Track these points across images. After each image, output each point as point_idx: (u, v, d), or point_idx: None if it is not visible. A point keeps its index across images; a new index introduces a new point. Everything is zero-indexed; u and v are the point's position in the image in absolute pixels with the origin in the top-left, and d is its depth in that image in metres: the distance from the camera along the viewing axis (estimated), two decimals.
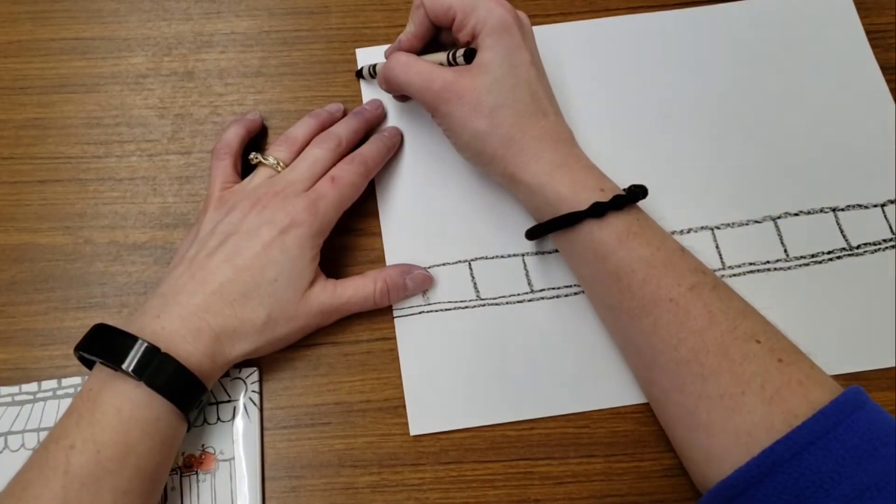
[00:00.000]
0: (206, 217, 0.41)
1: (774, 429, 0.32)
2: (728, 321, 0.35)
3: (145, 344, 0.35)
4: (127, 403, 0.34)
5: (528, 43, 0.40)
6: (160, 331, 0.36)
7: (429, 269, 0.44)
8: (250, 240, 0.39)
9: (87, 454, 0.33)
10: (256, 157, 0.43)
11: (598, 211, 0.37)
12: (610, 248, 0.37)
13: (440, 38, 0.44)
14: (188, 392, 0.36)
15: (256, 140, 0.48)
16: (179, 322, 0.37)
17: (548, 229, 0.39)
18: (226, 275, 0.38)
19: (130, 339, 0.35)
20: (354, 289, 0.41)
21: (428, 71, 0.40)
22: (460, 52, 0.40)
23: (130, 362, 0.34)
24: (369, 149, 0.44)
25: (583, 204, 0.37)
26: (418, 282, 0.43)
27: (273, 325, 0.39)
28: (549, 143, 0.39)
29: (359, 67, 0.49)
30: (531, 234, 0.41)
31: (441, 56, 0.42)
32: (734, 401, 0.33)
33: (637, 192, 0.38)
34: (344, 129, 0.44)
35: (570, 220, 0.38)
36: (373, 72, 0.47)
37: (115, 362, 0.34)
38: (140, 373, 0.34)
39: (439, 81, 0.40)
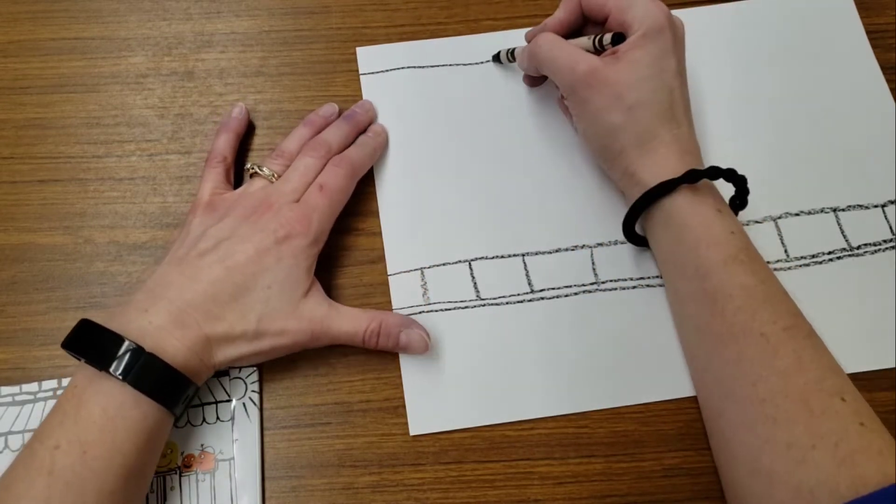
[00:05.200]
0: (195, 220, 0.41)
1: (839, 492, 0.30)
2: (816, 372, 0.34)
3: (130, 344, 0.34)
4: (112, 403, 0.34)
5: (677, 50, 0.40)
6: (147, 325, 0.35)
7: (429, 269, 0.44)
8: (244, 244, 0.39)
9: (73, 455, 0.33)
10: (253, 168, 0.43)
11: (691, 177, 0.37)
12: (713, 267, 0.37)
13: (584, 32, 0.44)
14: (175, 390, 0.35)
15: (246, 144, 0.48)
16: (167, 317, 0.36)
17: (647, 201, 0.39)
18: (216, 274, 0.38)
19: (116, 339, 0.34)
20: (348, 318, 0.40)
21: (576, 53, 0.40)
22: (608, 36, 0.40)
23: (116, 364, 0.34)
24: (356, 151, 0.44)
25: (700, 219, 0.38)
26: (413, 340, 0.40)
27: (262, 335, 0.38)
28: (678, 152, 0.39)
29: (495, 52, 0.49)
30: (630, 222, 0.41)
31: (585, 41, 0.41)
32: (803, 453, 0.32)
33: (739, 197, 0.40)
34: (334, 136, 0.44)
35: (666, 188, 0.38)
36: (510, 56, 0.47)
37: (100, 364, 0.34)
38: (125, 374, 0.34)
39: (585, 65, 0.39)
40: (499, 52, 0.49)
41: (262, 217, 0.40)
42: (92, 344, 0.35)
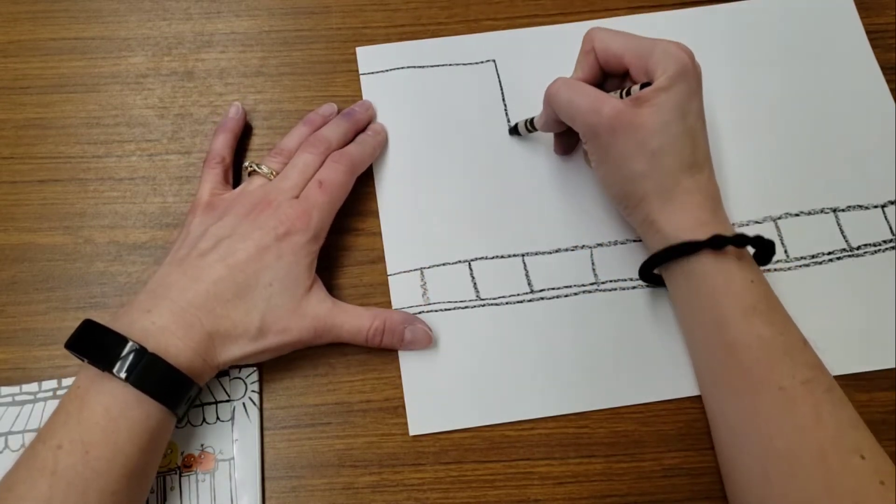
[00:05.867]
0: (194, 220, 0.41)
1: None
2: (835, 428, 0.33)
3: (133, 344, 0.34)
4: (115, 403, 0.34)
5: (699, 90, 0.39)
6: (150, 326, 0.35)
7: (429, 269, 0.44)
8: (244, 242, 0.39)
9: (75, 455, 0.33)
10: (251, 166, 0.43)
11: (716, 244, 0.36)
12: (732, 318, 0.36)
13: (605, 87, 0.42)
14: (178, 391, 0.35)
15: (245, 144, 0.48)
16: (170, 317, 0.36)
17: (668, 257, 0.38)
18: (218, 273, 0.38)
19: (119, 339, 0.34)
20: (351, 315, 0.40)
21: (598, 94, 0.38)
22: (636, 87, 0.38)
23: (119, 365, 0.34)
24: (355, 147, 0.44)
25: (719, 270, 0.37)
26: (417, 336, 0.41)
27: (265, 333, 0.38)
28: (699, 199, 0.38)
29: (512, 124, 0.48)
30: (647, 268, 0.40)
31: (612, 95, 0.40)
32: None
33: (763, 254, 0.38)
34: (333, 132, 0.44)
35: (689, 249, 0.37)
36: (529, 126, 0.45)
37: (103, 365, 0.34)
38: (128, 375, 0.34)
39: (611, 107, 0.37)
40: (516, 125, 0.47)
41: (262, 214, 0.40)
42: (95, 344, 0.35)
